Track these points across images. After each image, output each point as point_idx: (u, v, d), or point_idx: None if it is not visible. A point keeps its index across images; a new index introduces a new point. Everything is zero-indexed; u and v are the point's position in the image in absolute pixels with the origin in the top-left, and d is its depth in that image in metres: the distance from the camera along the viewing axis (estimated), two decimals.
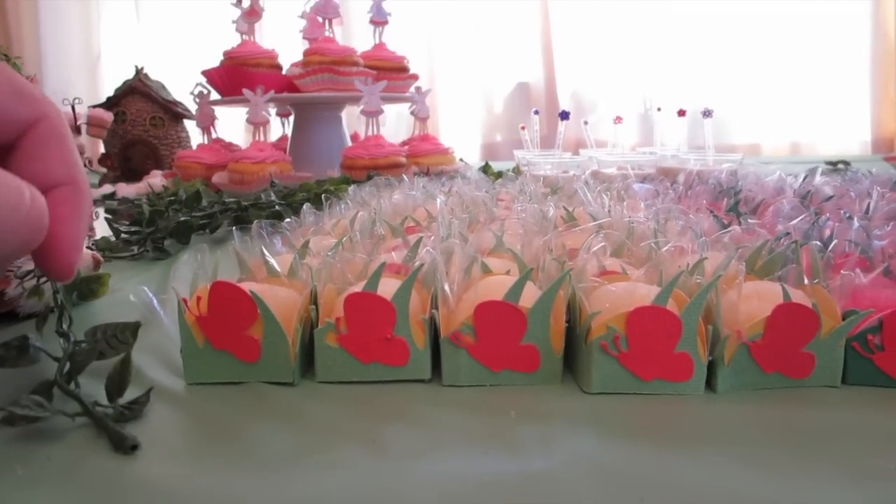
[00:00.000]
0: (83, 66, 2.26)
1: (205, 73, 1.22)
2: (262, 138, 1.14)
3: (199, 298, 0.36)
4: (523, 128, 1.14)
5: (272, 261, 0.41)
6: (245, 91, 1.10)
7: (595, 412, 0.32)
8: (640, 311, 0.33)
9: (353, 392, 0.35)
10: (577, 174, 0.89)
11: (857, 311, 0.33)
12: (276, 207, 0.82)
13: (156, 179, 1.23)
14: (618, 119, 1.04)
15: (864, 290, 0.36)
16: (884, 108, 2.20)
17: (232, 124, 1.76)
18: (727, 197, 0.64)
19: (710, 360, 0.34)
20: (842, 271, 0.35)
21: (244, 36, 1.22)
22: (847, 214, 0.51)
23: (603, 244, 0.39)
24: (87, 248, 0.53)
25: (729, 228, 0.48)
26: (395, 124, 2.17)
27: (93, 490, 0.27)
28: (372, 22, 1.29)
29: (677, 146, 1.07)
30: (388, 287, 0.36)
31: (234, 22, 1.24)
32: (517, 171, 1.02)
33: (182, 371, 0.37)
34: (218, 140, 1.30)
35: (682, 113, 1.02)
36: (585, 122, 1.14)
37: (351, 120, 2.33)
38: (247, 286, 0.37)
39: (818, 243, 0.39)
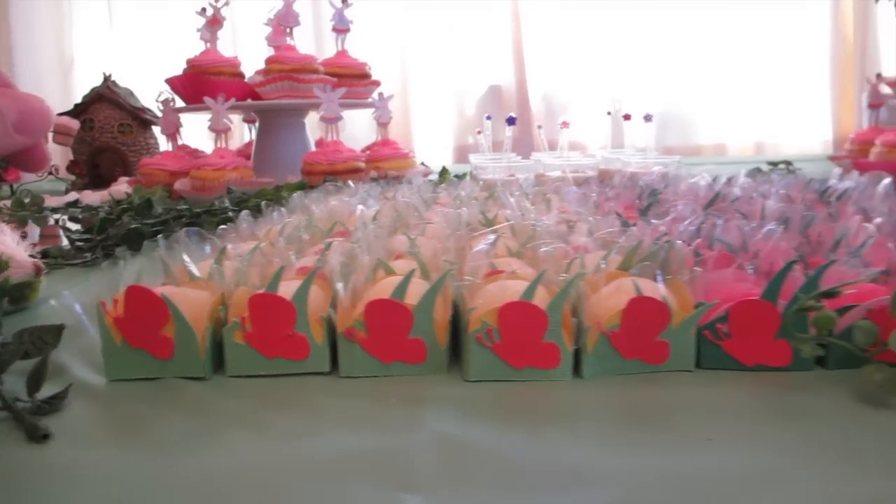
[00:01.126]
0: (56, 72, 2.27)
1: (168, 81, 1.25)
2: (224, 145, 1.17)
3: (115, 301, 0.39)
4: (479, 132, 1.17)
5: (192, 266, 0.44)
6: (206, 99, 1.12)
7: (470, 397, 0.36)
8: (509, 306, 0.36)
9: (258, 385, 0.39)
10: (523, 177, 0.93)
11: (703, 303, 0.37)
12: (230, 213, 0.85)
13: (121, 186, 1.26)
14: (564, 124, 1.08)
15: (722, 283, 0.39)
16: (843, 109, 2.26)
17: (200, 131, 1.79)
18: (648, 199, 0.67)
19: (576, 349, 0.37)
20: (693, 267, 0.39)
21: (207, 44, 1.25)
22: (742, 215, 0.55)
23: (485, 246, 0.43)
24: (30, 255, 0.56)
25: (628, 229, 0.52)
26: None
27: (4, 475, 0.30)
28: (334, 30, 1.32)
29: (645, 148, 1.10)
30: (293, 288, 0.39)
31: (198, 30, 1.27)
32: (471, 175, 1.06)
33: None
34: (184, 147, 1.32)
35: (627, 117, 1.06)
36: (539, 127, 1.17)
37: (321, 126, 2.37)
38: (162, 289, 0.40)
39: (680, 242, 0.43)
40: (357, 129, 1.96)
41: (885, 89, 1.29)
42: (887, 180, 0.65)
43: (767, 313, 0.37)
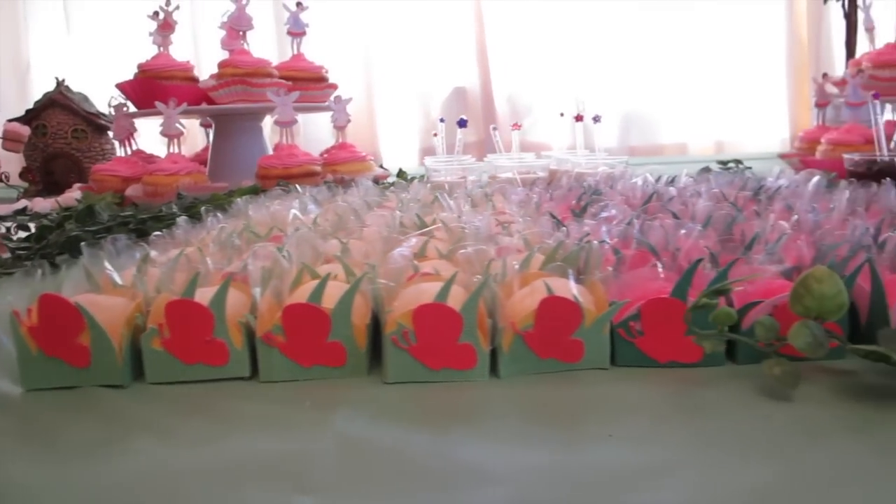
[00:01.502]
0: (12, 77, 2.23)
1: (119, 85, 1.23)
2: (177, 150, 1.15)
3: (29, 310, 0.39)
4: (435, 135, 1.18)
5: (114, 274, 0.44)
6: (158, 104, 1.11)
7: (385, 399, 0.36)
8: (423, 308, 0.37)
9: (177, 391, 0.39)
10: (472, 179, 0.94)
11: (615, 302, 0.38)
12: (177, 220, 0.84)
13: (74, 193, 1.24)
14: (515, 126, 1.09)
15: (637, 282, 0.40)
16: (799, 107, 2.32)
17: (157, 136, 1.77)
18: (588, 200, 0.68)
19: (493, 349, 0.38)
20: (606, 268, 0.40)
21: (160, 48, 1.24)
22: (673, 215, 0.56)
23: (403, 249, 0.43)
24: None
25: (560, 229, 0.53)
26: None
27: None
28: (289, 33, 1.31)
29: (594, 149, 1.11)
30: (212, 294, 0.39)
31: (150, 34, 1.26)
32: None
33: None
34: (139, 152, 1.30)
35: (578, 118, 1.08)
36: (494, 128, 1.18)
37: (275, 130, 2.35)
38: (78, 298, 0.40)
39: (597, 242, 0.44)
40: (321, 131, 1.96)
41: (831, 88, 1.32)
42: (816, 178, 0.67)
43: (677, 311, 0.37)
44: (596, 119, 1.02)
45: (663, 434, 0.31)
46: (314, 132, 2.30)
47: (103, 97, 1.53)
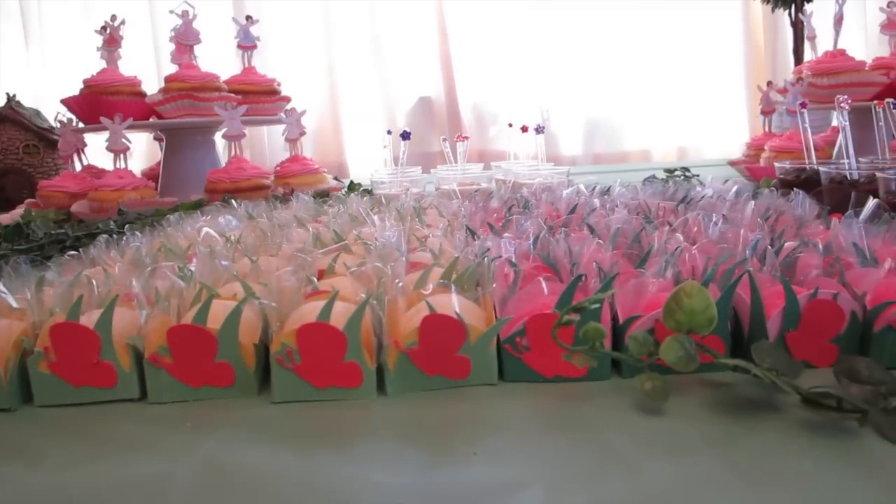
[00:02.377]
0: None
1: (64, 101, 1.22)
2: (123, 165, 1.14)
3: None
4: (385, 146, 1.18)
5: (8, 296, 0.44)
6: (103, 119, 1.10)
7: (268, 419, 0.36)
8: (306, 328, 0.37)
9: (65, 414, 0.38)
10: (417, 191, 0.94)
11: (499, 318, 0.38)
12: (114, 236, 0.83)
13: (21, 209, 1.22)
14: (460, 137, 1.09)
15: (527, 297, 0.41)
16: (757, 111, 2.35)
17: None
18: (515, 211, 0.69)
19: (380, 366, 0.38)
20: (502, 284, 0.40)
21: (107, 63, 1.23)
22: (588, 226, 0.57)
23: (292, 268, 0.43)
24: None
25: (475, 243, 0.54)
26: None
27: None
28: (239, 46, 1.31)
29: (535, 158, 1.12)
30: (120, 316, 0.39)
31: (97, 49, 1.25)
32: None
33: None
34: (89, 167, 1.29)
35: (524, 129, 1.09)
36: (444, 139, 1.19)
37: (255, 144, 2.34)
38: None
39: (492, 259, 0.44)
40: (280, 144, 1.95)
41: (776, 96, 1.34)
42: (735, 187, 0.69)
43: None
44: (539, 130, 1.03)
45: (527, 450, 0.32)
46: (280, 143, 2.30)
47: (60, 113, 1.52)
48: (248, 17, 1.32)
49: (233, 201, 0.84)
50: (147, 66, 2.11)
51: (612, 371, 0.39)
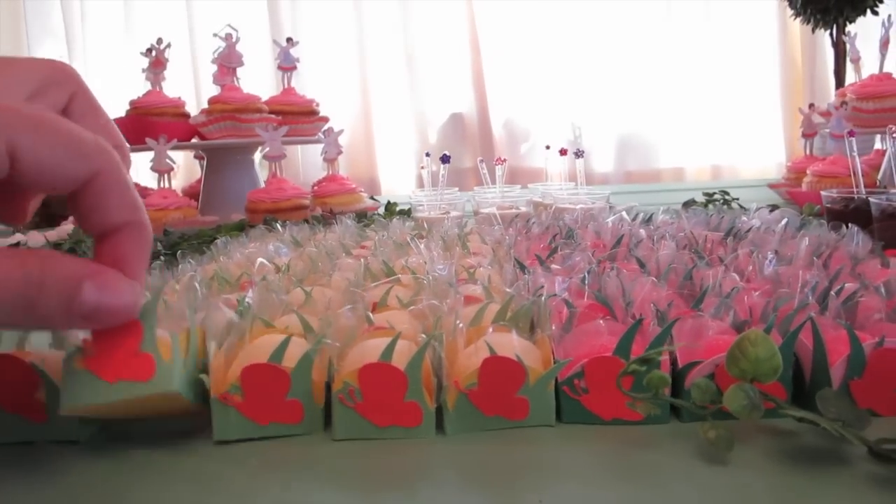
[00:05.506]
0: None
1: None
2: (167, 185, 1.17)
3: None
4: (423, 168, 1.19)
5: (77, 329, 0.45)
6: (148, 140, 1.13)
7: (332, 457, 0.37)
8: (368, 367, 0.37)
9: (129, 449, 0.39)
10: (455, 215, 0.95)
11: (558, 361, 0.38)
12: (161, 258, 0.85)
13: (68, 227, 1.25)
14: (498, 161, 1.10)
15: (584, 338, 0.41)
16: (795, 131, 2.32)
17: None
18: (560, 241, 0.69)
19: (439, 406, 0.38)
20: (556, 324, 0.40)
21: (152, 86, 1.26)
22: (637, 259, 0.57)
23: (351, 306, 0.44)
24: None
25: (525, 277, 0.54)
26: None
27: None
28: (280, 68, 1.34)
29: (576, 182, 1.12)
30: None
31: (143, 71, 1.28)
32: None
33: None
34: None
35: (563, 152, 1.09)
36: (481, 161, 1.19)
37: (289, 163, 2.38)
38: (35, 356, 0.41)
39: (546, 297, 0.44)
40: (318, 163, 1.98)
41: (818, 118, 1.33)
42: (785, 220, 0.68)
43: (619, 369, 0.38)
44: (578, 154, 1.03)
45: (593, 499, 0.32)
46: (312, 161, 2.33)
47: None
48: (289, 40, 1.35)
49: (276, 225, 0.85)
50: (185, 87, 2.16)
51: (671, 414, 0.39)
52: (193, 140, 1.25)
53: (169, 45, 1.26)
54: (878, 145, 1.35)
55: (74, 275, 0.29)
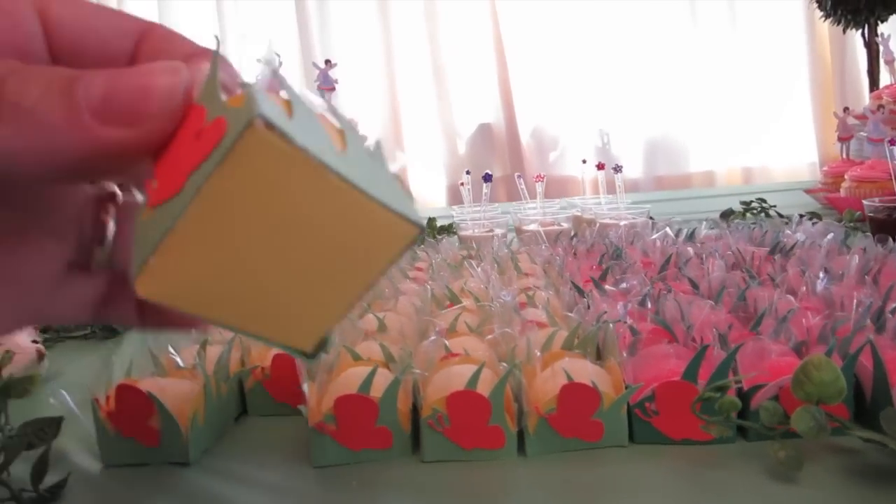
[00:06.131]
0: None
1: None
2: None
3: (108, 397, 0.44)
4: (462, 184, 1.22)
5: (176, 356, 0.49)
6: None
7: (423, 478, 0.40)
8: (455, 395, 0.41)
9: (245, 468, 0.43)
10: (500, 233, 0.98)
11: (630, 386, 0.41)
12: None
13: None
14: (538, 177, 1.12)
15: (652, 362, 0.44)
16: (826, 131, 2.31)
17: None
18: (609, 260, 0.72)
19: (520, 430, 0.42)
20: (622, 350, 0.43)
21: None
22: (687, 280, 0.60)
23: (433, 337, 0.47)
24: (32, 341, 0.61)
25: (583, 300, 0.57)
26: None
27: None
28: (319, 88, 1.38)
29: (617, 198, 1.13)
30: None
31: None
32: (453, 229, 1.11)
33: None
34: None
35: (600, 166, 1.11)
36: (519, 177, 1.22)
37: None
38: (149, 384, 0.45)
39: (612, 323, 0.47)
40: None
41: (852, 121, 1.33)
42: (830, 235, 0.70)
43: (688, 393, 0.41)
44: (616, 169, 1.06)
45: None
46: None
47: None
48: (327, 62, 1.39)
49: None
50: None
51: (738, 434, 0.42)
52: None
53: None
54: None
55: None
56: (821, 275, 0.55)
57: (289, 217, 0.15)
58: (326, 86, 1.38)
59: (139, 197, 0.17)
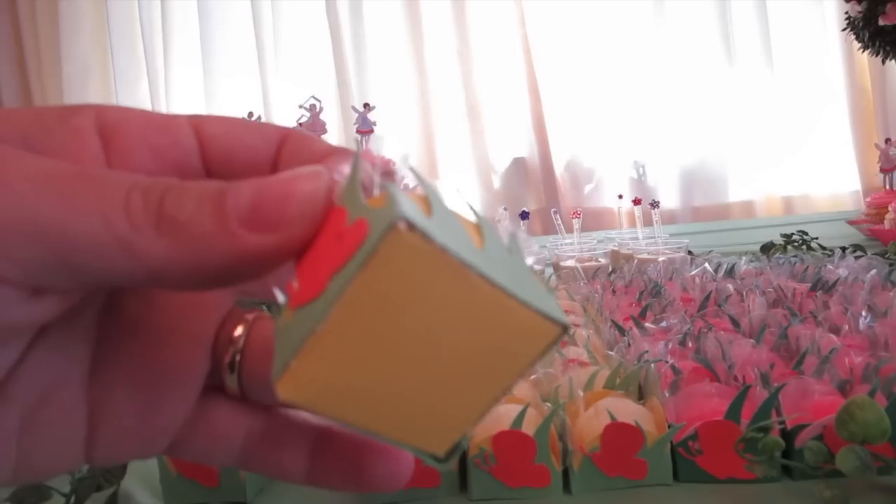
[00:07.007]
0: None
1: None
2: None
3: None
4: (499, 220, 1.24)
5: None
6: None
7: None
8: (501, 435, 0.42)
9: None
10: (538, 269, 0.99)
11: (673, 425, 0.42)
12: None
13: None
14: (575, 214, 1.14)
15: (694, 400, 0.44)
16: (868, 159, 2.27)
17: None
18: (648, 297, 0.72)
19: (565, 468, 0.43)
20: (664, 389, 0.44)
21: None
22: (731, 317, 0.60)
23: None
24: None
25: (623, 338, 0.58)
26: None
27: None
28: (358, 132, 1.43)
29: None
30: None
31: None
32: None
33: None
34: None
35: (637, 202, 1.12)
36: (555, 212, 1.23)
37: None
38: None
39: (654, 363, 0.48)
40: None
41: (895, 152, 1.32)
42: (873, 271, 0.69)
43: (731, 432, 0.41)
44: (653, 205, 1.06)
45: None
46: None
47: None
48: (366, 105, 1.44)
49: None
50: None
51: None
52: None
53: (251, 115, 1.37)
54: None
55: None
56: (864, 312, 0.55)
57: (430, 318, 0.15)
58: (365, 128, 1.43)
59: (280, 297, 0.17)
